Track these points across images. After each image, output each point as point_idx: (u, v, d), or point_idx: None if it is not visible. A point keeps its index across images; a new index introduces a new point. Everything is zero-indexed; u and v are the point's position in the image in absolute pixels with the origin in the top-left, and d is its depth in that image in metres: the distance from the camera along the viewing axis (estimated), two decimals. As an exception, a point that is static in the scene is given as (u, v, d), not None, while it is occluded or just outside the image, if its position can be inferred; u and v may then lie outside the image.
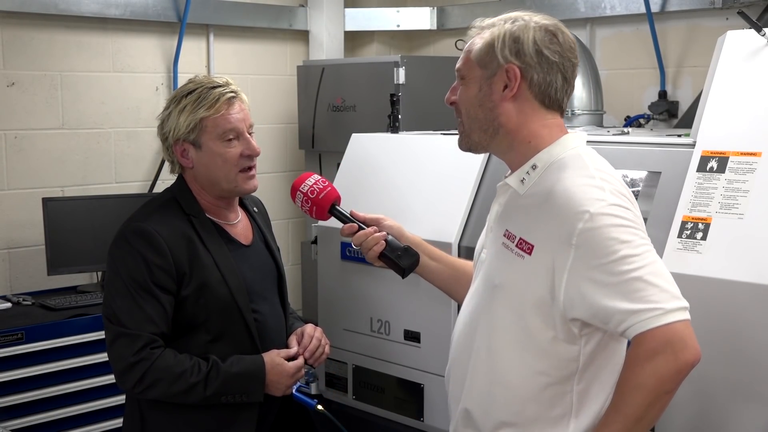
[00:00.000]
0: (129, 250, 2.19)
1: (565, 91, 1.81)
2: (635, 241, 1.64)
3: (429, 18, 4.81)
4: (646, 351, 1.60)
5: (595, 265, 1.63)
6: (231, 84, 2.31)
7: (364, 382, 2.85)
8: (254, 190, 2.34)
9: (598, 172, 1.73)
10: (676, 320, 1.60)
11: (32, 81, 3.87)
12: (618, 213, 1.65)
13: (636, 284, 1.60)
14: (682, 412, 2.12)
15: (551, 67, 1.77)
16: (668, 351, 1.59)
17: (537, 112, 1.80)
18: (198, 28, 4.42)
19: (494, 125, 1.80)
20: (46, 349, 3.33)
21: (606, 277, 1.62)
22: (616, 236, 1.62)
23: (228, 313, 2.24)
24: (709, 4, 3.77)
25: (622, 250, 1.62)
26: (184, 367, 2.17)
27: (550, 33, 1.78)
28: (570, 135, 1.83)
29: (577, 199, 1.67)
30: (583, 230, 1.64)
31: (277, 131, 4.76)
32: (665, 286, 1.62)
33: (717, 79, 2.33)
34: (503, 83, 1.78)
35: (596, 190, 1.68)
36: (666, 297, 1.61)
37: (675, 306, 1.61)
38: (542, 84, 1.77)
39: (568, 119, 3.42)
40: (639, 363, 1.61)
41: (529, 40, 1.76)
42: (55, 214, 3.72)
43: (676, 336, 1.59)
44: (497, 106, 1.79)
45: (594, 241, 1.63)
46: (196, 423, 2.24)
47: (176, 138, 2.27)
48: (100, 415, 3.47)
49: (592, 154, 1.81)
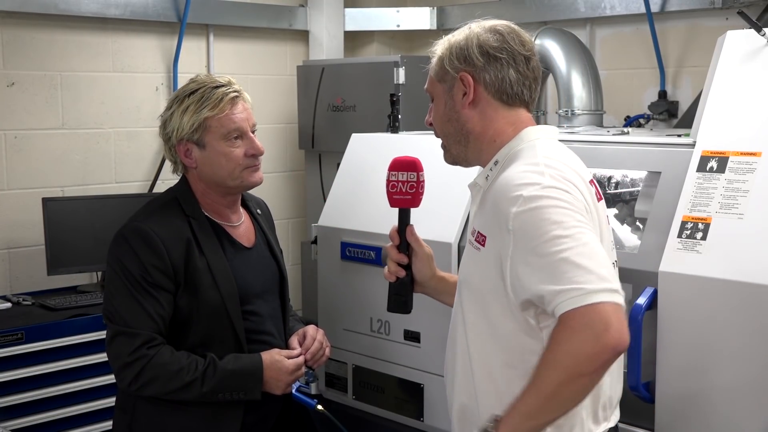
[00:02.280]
0: (127, 249, 2.20)
1: (523, 84, 1.83)
2: (567, 222, 1.63)
3: (429, 18, 4.81)
4: (565, 329, 1.58)
5: (528, 249, 1.64)
6: (234, 83, 2.31)
7: (364, 382, 2.85)
8: (260, 183, 2.34)
9: (545, 159, 1.74)
10: (599, 301, 1.56)
11: (32, 81, 3.87)
12: (552, 194, 1.66)
13: (562, 266, 1.59)
14: (682, 412, 2.12)
15: (499, 63, 1.81)
16: (587, 331, 1.55)
17: (499, 112, 1.84)
18: (198, 28, 4.42)
19: (464, 134, 1.86)
20: (45, 349, 3.32)
21: (537, 260, 1.63)
22: (547, 217, 1.63)
23: (217, 318, 2.25)
24: (709, 4, 3.76)
25: (552, 231, 1.62)
26: (181, 365, 2.18)
27: (495, 32, 1.83)
28: (531, 127, 1.85)
29: (513, 185, 1.69)
30: (517, 214, 1.66)
31: (276, 131, 4.75)
32: (592, 267, 1.59)
33: (717, 79, 2.33)
34: (462, 92, 1.84)
35: (534, 175, 1.69)
36: (591, 278, 1.57)
37: (599, 287, 1.57)
38: (496, 82, 1.82)
39: (568, 119, 3.42)
40: (557, 341, 1.60)
41: (473, 44, 1.83)
42: (55, 214, 3.72)
43: (597, 317, 1.55)
44: (461, 115, 1.85)
45: (527, 225, 1.65)
46: (183, 418, 2.24)
47: (179, 138, 2.27)
48: (100, 415, 3.46)
49: (547, 144, 1.82)
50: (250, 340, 2.30)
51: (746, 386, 2.02)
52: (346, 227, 2.88)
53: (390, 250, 2.09)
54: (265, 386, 2.26)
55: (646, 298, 2.14)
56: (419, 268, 2.09)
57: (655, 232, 2.24)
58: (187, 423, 2.24)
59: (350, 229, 2.86)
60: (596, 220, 1.76)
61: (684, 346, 2.11)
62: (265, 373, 2.25)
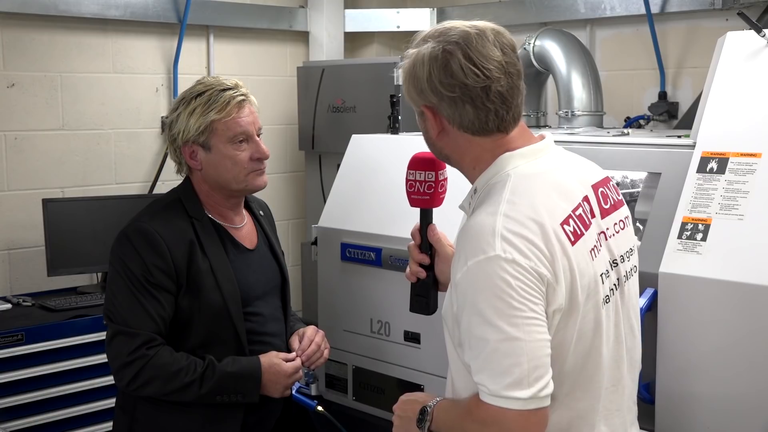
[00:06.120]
0: (130, 249, 2.21)
1: (486, 117, 1.66)
2: (501, 308, 1.55)
3: (429, 19, 4.81)
4: (479, 413, 1.60)
5: (466, 318, 1.60)
6: (241, 86, 2.31)
7: (364, 383, 2.85)
8: (264, 187, 2.35)
9: (507, 206, 1.61)
10: (505, 407, 1.55)
11: (32, 82, 3.88)
12: (493, 272, 1.55)
13: (487, 354, 1.56)
14: (682, 413, 2.12)
15: (453, 101, 1.65)
16: (493, 428, 1.58)
17: (472, 141, 1.70)
18: (198, 29, 4.42)
19: (444, 156, 1.78)
20: (46, 350, 3.32)
21: (469, 334, 1.59)
22: (483, 298, 1.56)
23: (219, 319, 2.25)
24: (709, 5, 3.77)
25: (485, 314, 1.55)
26: (180, 366, 2.18)
27: (440, 61, 1.64)
28: (505, 155, 1.70)
29: (465, 246, 1.61)
30: (459, 281, 1.61)
31: (277, 132, 4.76)
32: (509, 368, 1.54)
33: (717, 80, 2.33)
34: (429, 122, 1.72)
35: (486, 236, 1.58)
36: (505, 380, 1.54)
37: (505, 395, 1.55)
38: (455, 118, 1.67)
39: (568, 120, 3.42)
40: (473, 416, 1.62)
41: (423, 78, 1.67)
42: (55, 215, 3.72)
43: (504, 420, 1.56)
44: (436, 143, 1.76)
45: (466, 294, 1.59)
46: (183, 418, 2.25)
47: (185, 140, 2.27)
48: (100, 416, 3.46)
49: (522, 176, 1.67)
50: (251, 341, 2.30)
51: (746, 387, 2.02)
52: (346, 228, 2.88)
53: (412, 249, 1.97)
54: (263, 389, 2.26)
55: (646, 299, 2.14)
56: (442, 269, 1.94)
57: (655, 233, 2.24)
58: (187, 424, 2.25)
59: (350, 230, 2.86)
60: (563, 269, 1.61)
61: (684, 347, 2.11)
62: (263, 376, 2.25)
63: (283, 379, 2.28)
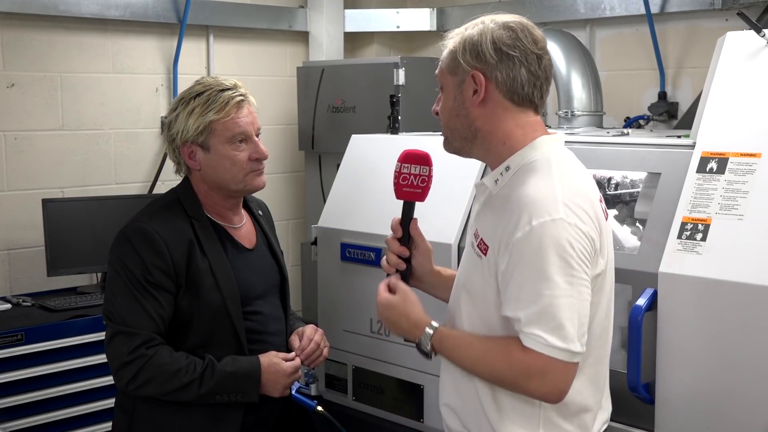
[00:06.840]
0: (129, 249, 2.21)
1: (534, 85, 1.80)
2: (563, 267, 1.66)
3: (429, 19, 4.81)
4: (522, 357, 1.68)
5: (521, 276, 1.68)
6: (240, 87, 2.31)
7: (363, 383, 2.85)
8: (263, 187, 2.35)
9: (560, 179, 1.74)
10: (556, 357, 1.66)
11: (32, 82, 3.87)
12: (559, 230, 1.67)
13: (543, 308, 1.66)
14: (682, 413, 2.12)
15: (512, 61, 1.78)
16: (533, 375, 1.68)
17: (509, 112, 1.81)
18: (198, 29, 4.42)
19: (472, 131, 1.84)
20: (46, 350, 3.32)
21: (524, 290, 1.68)
22: (547, 254, 1.66)
23: (218, 319, 2.25)
24: (709, 5, 3.77)
25: (547, 271, 1.66)
26: (179, 366, 2.18)
27: (509, 29, 1.80)
28: (544, 137, 1.83)
29: (525, 209, 1.69)
30: (520, 239, 1.68)
31: (276, 132, 4.75)
32: (566, 323, 1.66)
33: (717, 80, 2.33)
34: (472, 89, 1.81)
35: (549, 201, 1.69)
36: (563, 334, 1.65)
37: (561, 346, 1.66)
38: (507, 81, 1.79)
39: (567, 120, 3.42)
40: (513, 356, 1.70)
41: (487, 41, 1.79)
42: (54, 216, 3.72)
43: (550, 369, 1.67)
44: (471, 113, 1.83)
45: (527, 253, 1.67)
46: (182, 418, 2.24)
47: (184, 140, 2.27)
48: (100, 416, 3.46)
49: (562, 159, 1.82)
50: (251, 341, 2.30)
51: (746, 387, 2.02)
52: (345, 228, 2.88)
53: (391, 242, 2.05)
54: (262, 389, 2.26)
55: (646, 299, 2.14)
56: (420, 262, 2.06)
57: (654, 233, 2.24)
58: (187, 423, 2.25)
59: (350, 230, 2.86)
60: (604, 239, 1.77)
61: (684, 347, 2.11)
62: (262, 376, 2.25)
63: (282, 379, 2.28)
